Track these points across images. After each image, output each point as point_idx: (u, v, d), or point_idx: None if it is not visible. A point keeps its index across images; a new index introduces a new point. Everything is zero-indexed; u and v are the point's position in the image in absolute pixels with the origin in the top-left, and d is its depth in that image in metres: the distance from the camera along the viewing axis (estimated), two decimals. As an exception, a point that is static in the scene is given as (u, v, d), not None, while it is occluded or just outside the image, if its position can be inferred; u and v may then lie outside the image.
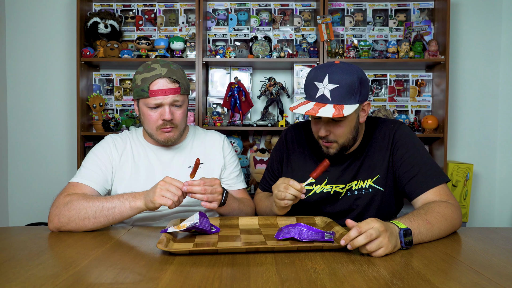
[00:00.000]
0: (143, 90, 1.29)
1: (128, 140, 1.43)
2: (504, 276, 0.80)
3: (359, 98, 1.18)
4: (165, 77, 1.29)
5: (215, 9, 2.73)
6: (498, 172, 2.77)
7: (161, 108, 1.30)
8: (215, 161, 1.46)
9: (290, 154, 1.42)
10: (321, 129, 1.22)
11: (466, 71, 2.74)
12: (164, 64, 1.32)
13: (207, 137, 1.50)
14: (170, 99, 1.29)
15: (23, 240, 1.07)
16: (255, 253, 0.94)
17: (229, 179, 1.49)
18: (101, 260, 0.89)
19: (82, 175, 1.30)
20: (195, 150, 1.45)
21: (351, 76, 1.16)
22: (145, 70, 1.31)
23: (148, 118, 1.32)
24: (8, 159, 2.76)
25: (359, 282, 0.76)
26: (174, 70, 1.32)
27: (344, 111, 1.12)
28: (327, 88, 1.15)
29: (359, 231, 0.90)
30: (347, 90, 1.15)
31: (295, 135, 1.44)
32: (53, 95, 2.75)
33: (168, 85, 1.29)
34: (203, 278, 0.78)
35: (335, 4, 2.71)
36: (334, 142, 1.24)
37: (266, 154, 2.62)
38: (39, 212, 2.74)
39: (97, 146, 1.39)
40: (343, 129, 1.21)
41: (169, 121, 1.31)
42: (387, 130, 1.31)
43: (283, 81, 2.64)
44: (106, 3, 2.71)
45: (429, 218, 1.04)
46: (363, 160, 1.30)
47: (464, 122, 2.75)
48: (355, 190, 1.30)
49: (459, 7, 2.72)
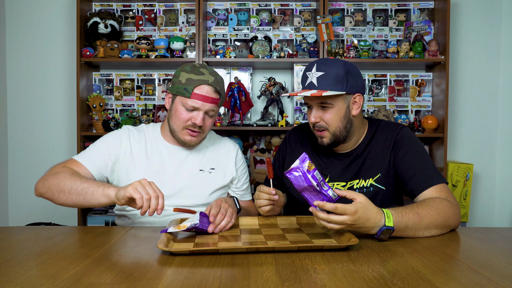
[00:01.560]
0: (186, 89, 1.30)
1: (144, 134, 1.44)
2: (504, 276, 0.80)
3: (346, 87, 1.24)
4: (211, 85, 1.32)
5: (215, 9, 2.73)
6: (498, 172, 2.77)
7: (196, 112, 1.32)
8: (227, 170, 1.47)
9: (293, 153, 1.44)
10: (311, 115, 1.29)
11: (466, 71, 2.74)
12: (212, 72, 1.35)
13: (222, 143, 1.52)
14: (208, 107, 1.32)
15: (23, 240, 1.07)
16: (255, 253, 0.94)
17: (240, 190, 1.52)
18: (101, 260, 0.89)
19: (84, 155, 1.34)
20: (209, 155, 1.46)
21: (337, 65, 1.24)
22: (193, 71, 1.32)
23: (179, 115, 1.33)
24: (8, 159, 2.77)
25: (359, 282, 0.76)
26: (219, 81, 1.35)
27: (324, 93, 1.21)
28: (314, 76, 1.25)
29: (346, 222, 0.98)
30: (333, 78, 1.23)
31: (298, 135, 1.48)
32: (53, 95, 2.75)
33: (212, 94, 1.32)
34: (203, 278, 0.78)
35: (335, 4, 2.71)
36: (325, 130, 1.29)
37: (266, 154, 2.62)
38: (39, 212, 2.74)
39: (109, 134, 1.42)
40: (331, 116, 1.27)
41: (198, 126, 1.33)
42: (390, 131, 1.34)
43: (283, 81, 2.64)
44: (106, 3, 2.71)
45: (420, 212, 1.08)
46: (365, 159, 1.33)
47: (464, 122, 2.75)
48: (356, 189, 1.31)
49: (459, 7, 2.72)
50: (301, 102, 2.58)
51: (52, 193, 1.21)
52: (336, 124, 1.27)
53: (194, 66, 1.34)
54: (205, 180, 1.41)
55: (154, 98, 2.74)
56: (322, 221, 1.00)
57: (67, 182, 1.19)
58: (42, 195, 1.24)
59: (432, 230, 1.09)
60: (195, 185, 1.39)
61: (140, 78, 2.75)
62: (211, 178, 1.42)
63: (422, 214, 1.07)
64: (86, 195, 1.17)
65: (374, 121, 1.40)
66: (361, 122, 1.35)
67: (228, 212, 1.15)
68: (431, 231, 1.09)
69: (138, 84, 2.75)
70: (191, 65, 1.35)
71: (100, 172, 1.34)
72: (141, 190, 1.07)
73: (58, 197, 1.20)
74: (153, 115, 2.67)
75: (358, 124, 1.34)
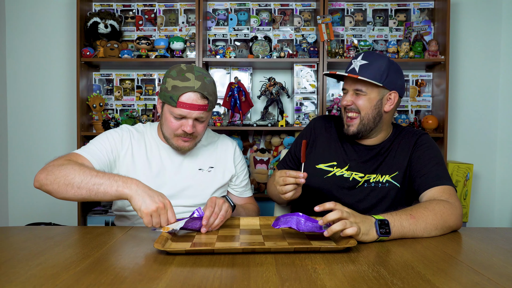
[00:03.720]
0: (172, 98, 1.26)
1: (143, 134, 1.42)
2: (504, 276, 0.80)
3: (385, 80, 1.30)
4: (197, 92, 1.26)
5: (215, 9, 2.73)
6: (498, 172, 2.77)
7: (185, 120, 1.29)
8: (226, 168, 1.46)
9: (317, 138, 1.48)
10: (345, 98, 1.35)
11: (466, 71, 2.74)
12: (198, 76, 1.28)
13: (219, 141, 1.51)
14: (195, 114, 1.27)
15: (23, 240, 1.07)
16: (255, 253, 0.94)
17: (239, 187, 1.52)
18: (101, 260, 0.89)
19: (87, 150, 1.30)
20: (207, 153, 1.45)
21: (381, 59, 1.31)
22: (179, 76, 1.27)
23: (169, 124, 1.30)
24: (8, 159, 2.77)
25: (359, 282, 0.76)
26: (206, 84, 1.28)
27: (359, 77, 1.28)
28: (358, 63, 1.32)
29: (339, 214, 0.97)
30: (374, 69, 1.29)
31: (324, 122, 1.52)
32: (53, 95, 2.75)
33: (198, 100, 1.26)
34: (203, 278, 0.78)
35: (335, 4, 2.71)
36: (356, 113, 1.33)
37: (266, 154, 2.62)
38: (39, 212, 2.74)
39: (110, 131, 1.38)
40: (363, 102, 1.32)
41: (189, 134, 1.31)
42: (412, 135, 1.40)
43: (283, 81, 2.64)
44: (106, 3, 2.71)
45: (413, 213, 1.08)
46: (386, 157, 1.38)
47: (464, 122, 2.75)
48: (372, 183, 1.36)
49: (459, 7, 2.72)
50: (301, 103, 2.58)
51: (58, 185, 1.13)
52: (366, 110, 1.32)
53: (180, 70, 1.28)
54: (205, 179, 1.41)
55: (154, 98, 2.74)
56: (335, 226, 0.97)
57: (76, 175, 1.12)
58: (43, 187, 1.16)
59: (432, 231, 1.09)
60: (195, 185, 1.39)
61: (140, 78, 2.75)
62: (210, 177, 1.42)
63: (416, 215, 1.07)
64: (98, 191, 1.11)
65: (399, 126, 1.47)
66: (389, 122, 1.41)
67: (223, 210, 1.14)
68: (430, 232, 1.08)
69: (138, 84, 2.75)
70: (178, 69, 1.29)
71: (102, 168, 1.31)
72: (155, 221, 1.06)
73: (65, 191, 1.13)
74: (153, 115, 2.67)
75: (387, 122, 1.39)
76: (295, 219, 1.00)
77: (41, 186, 1.16)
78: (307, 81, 2.56)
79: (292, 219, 1.00)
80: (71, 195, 1.13)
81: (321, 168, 1.41)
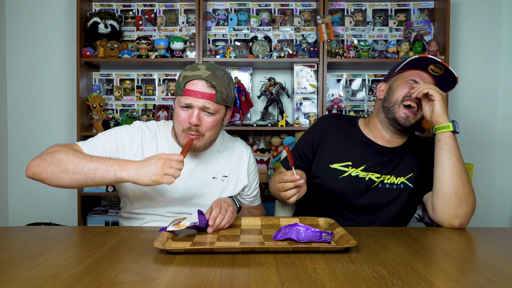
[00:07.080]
0: (179, 87, 1.24)
1: (156, 135, 1.36)
2: (504, 276, 0.80)
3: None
4: (204, 80, 1.22)
5: (215, 9, 2.73)
6: (498, 172, 2.77)
7: (191, 110, 1.23)
8: (239, 178, 1.41)
9: (329, 137, 1.44)
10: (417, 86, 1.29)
11: (466, 71, 2.74)
12: (210, 67, 1.25)
13: (235, 147, 1.44)
14: (201, 103, 1.22)
15: (23, 240, 1.07)
16: (255, 253, 0.94)
17: (250, 197, 1.48)
18: (101, 260, 0.89)
19: (89, 143, 1.26)
20: (222, 161, 1.39)
21: None
22: (191, 68, 1.25)
23: (177, 117, 1.26)
24: (8, 159, 2.77)
25: (359, 282, 0.76)
26: (217, 76, 1.24)
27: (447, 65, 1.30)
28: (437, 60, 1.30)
29: None
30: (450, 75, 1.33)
31: (335, 122, 1.48)
32: (53, 95, 2.75)
33: (204, 88, 1.22)
34: (203, 278, 0.78)
35: (335, 4, 2.71)
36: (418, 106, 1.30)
37: (266, 154, 2.62)
38: (39, 212, 2.74)
39: (122, 129, 1.33)
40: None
41: (195, 127, 1.23)
42: (423, 139, 1.45)
43: (283, 81, 2.64)
44: (106, 3, 2.71)
45: None
46: (402, 159, 1.39)
47: (464, 122, 2.75)
48: (387, 184, 1.37)
49: (459, 7, 2.72)
50: (301, 103, 2.58)
51: (52, 173, 1.10)
52: (424, 109, 1.28)
53: (195, 63, 1.28)
54: (217, 189, 1.36)
55: (154, 98, 2.74)
56: None
57: (70, 161, 1.10)
58: (36, 176, 1.12)
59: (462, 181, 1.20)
60: (207, 194, 1.34)
61: (140, 78, 2.75)
62: (222, 187, 1.37)
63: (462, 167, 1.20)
64: (95, 176, 1.09)
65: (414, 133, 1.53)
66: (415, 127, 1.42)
67: (228, 211, 1.14)
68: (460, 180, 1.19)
69: (138, 84, 2.75)
70: (194, 63, 1.28)
71: None
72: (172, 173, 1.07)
73: (59, 177, 1.10)
74: (153, 115, 2.67)
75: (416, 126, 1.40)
76: (294, 230, 1.01)
77: (33, 175, 1.13)
78: (307, 81, 2.56)
79: (292, 230, 1.01)
80: (66, 181, 1.10)
81: (336, 168, 1.39)
